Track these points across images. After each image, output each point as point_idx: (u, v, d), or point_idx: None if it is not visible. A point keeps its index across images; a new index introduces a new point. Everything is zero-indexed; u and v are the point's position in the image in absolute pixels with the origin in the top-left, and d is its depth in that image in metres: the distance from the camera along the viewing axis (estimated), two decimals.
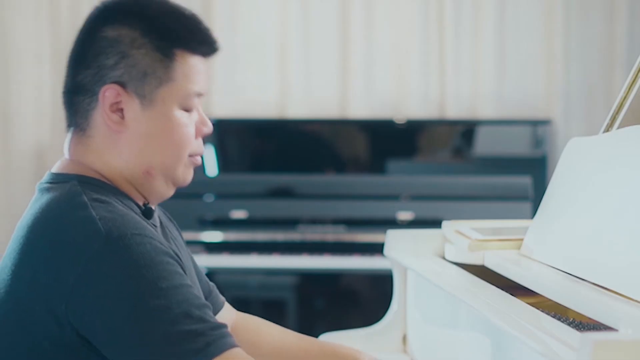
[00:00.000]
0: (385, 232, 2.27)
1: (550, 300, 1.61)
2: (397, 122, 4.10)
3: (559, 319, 1.53)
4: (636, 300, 1.40)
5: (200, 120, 1.57)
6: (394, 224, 3.84)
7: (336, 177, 4.03)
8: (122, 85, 1.50)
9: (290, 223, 3.88)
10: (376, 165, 4.08)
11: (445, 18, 4.21)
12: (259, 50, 4.26)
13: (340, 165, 4.12)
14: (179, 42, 1.52)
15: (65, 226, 1.41)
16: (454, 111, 4.22)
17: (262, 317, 1.89)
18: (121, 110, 1.50)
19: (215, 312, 1.73)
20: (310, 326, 3.80)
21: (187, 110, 1.54)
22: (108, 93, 1.50)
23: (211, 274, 3.63)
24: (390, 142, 4.13)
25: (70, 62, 1.55)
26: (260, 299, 3.86)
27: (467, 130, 4.09)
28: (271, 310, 3.86)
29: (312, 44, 4.23)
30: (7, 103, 4.15)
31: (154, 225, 1.55)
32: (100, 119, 1.51)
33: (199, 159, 1.59)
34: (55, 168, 1.56)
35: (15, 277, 1.44)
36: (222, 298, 1.83)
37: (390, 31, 4.24)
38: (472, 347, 1.73)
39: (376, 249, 3.51)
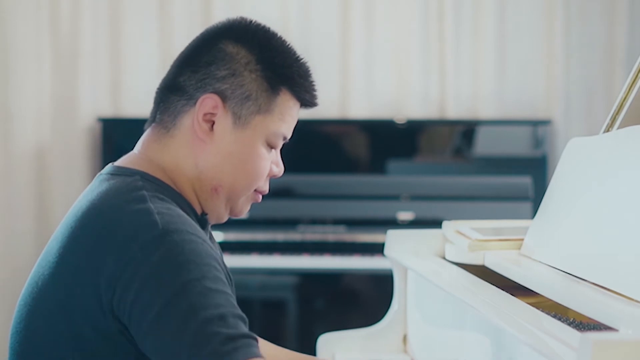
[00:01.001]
0: (385, 232, 2.27)
1: (550, 300, 1.61)
2: (398, 122, 4.10)
3: (559, 319, 1.53)
4: (636, 300, 1.40)
5: (275, 161, 1.63)
6: (394, 224, 3.84)
7: (336, 177, 4.03)
8: (223, 99, 1.53)
9: (290, 223, 3.88)
10: (376, 165, 4.08)
11: (445, 18, 4.21)
12: None
13: (340, 165, 4.12)
14: (287, 82, 1.57)
15: (120, 215, 1.42)
16: (454, 111, 4.21)
17: (263, 317, 1.89)
18: (212, 122, 1.54)
19: None
20: (310, 326, 3.80)
21: (271, 147, 1.59)
22: (207, 102, 1.53)
23: None
24: (391, 142, 4.12)
25: (178, 62, 1.58)
26: (261, 299, 3.86)
27: (467, 130, 4.09)
28: (271, 310, 3.86)
29: (312, 43, 4.23)
30: (7, 103, 4.14)
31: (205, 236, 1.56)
32: (188, 123, 1.54)
33: (260, 196, 1.63)
34: (120, 161, 1.57)
35: (62, 261, 1.45)
36: None
37: (390, 31, 4.23)
38: (473, 347, 1.73)
39: (376, 249, 3.51)
